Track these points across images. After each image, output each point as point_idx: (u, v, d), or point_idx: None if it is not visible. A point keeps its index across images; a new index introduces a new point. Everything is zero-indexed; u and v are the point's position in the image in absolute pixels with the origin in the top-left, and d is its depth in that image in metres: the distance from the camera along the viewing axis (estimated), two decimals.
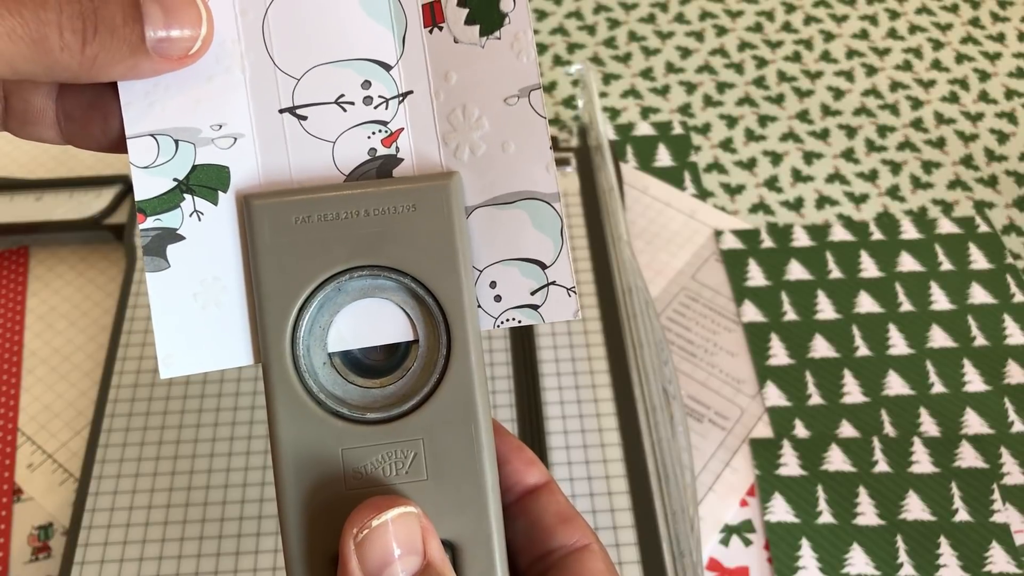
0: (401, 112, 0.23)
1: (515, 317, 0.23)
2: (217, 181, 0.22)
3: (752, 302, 0.51)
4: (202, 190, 0.22)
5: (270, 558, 0.39)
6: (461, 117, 0.23)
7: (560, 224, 0.23)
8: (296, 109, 0.22)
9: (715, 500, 0.44)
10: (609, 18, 0.70)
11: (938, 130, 0.62)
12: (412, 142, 0.23)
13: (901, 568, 0.41)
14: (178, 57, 0.20)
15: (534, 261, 0.23)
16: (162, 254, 0.22)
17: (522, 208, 0.23)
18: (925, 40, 0.68)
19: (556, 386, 0.45)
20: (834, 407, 0.47)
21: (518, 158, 0.23)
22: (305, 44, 0.22)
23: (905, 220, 0.56)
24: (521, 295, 0.23)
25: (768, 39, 0.68)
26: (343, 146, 0.23)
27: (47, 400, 0.47)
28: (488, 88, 0.22)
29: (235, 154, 0.22)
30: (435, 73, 0.23)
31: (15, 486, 0.44)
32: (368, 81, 0.23)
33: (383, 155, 0.23)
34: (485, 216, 0.23)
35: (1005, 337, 0.50)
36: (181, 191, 0.22)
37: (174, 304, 0.22)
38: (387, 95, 0.23)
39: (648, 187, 0.58)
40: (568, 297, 0.23)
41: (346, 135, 0.23)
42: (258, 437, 0.43)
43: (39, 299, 0.51)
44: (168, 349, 0.22)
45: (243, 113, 0.22)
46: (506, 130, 0.23)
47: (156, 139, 0.22)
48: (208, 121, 0.22)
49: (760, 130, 0.62)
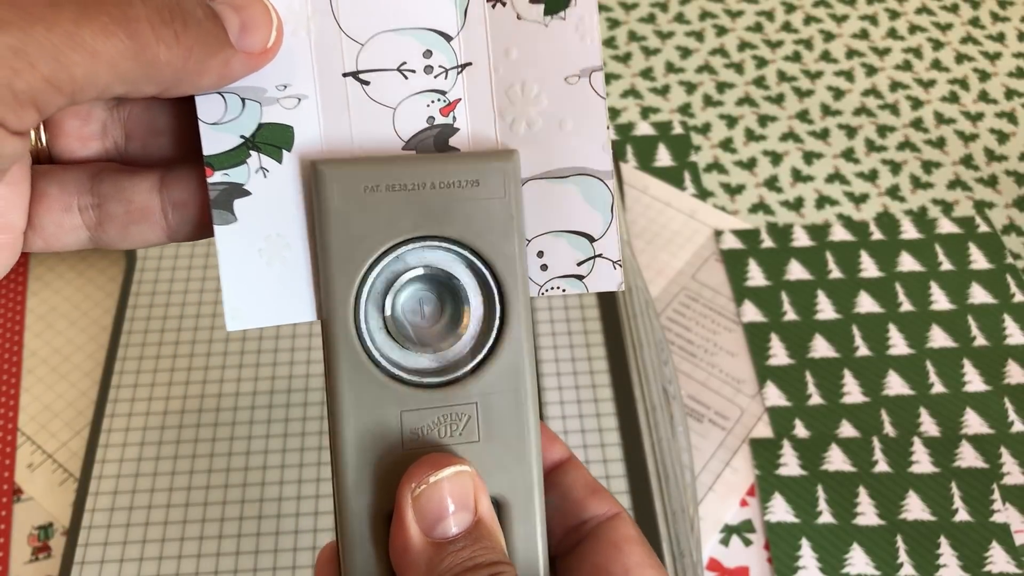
0: (460, 83, 0.23)
1: (560, 286, 0.24)
2: (282, 140, 0.22)
3: (752, 302, 0.51)
4: (268, 148, 0.22)
5: (270, 558, 0.39)
6: (519, 92, 0.23)
7: (611, 200, 0.23)
8: (360, 74, 0.23)
9: (715, 500, 0.44)
10: (609, 18, 0.70)
11: (938, 130, 0.62)
12: (469, 113, 0.23)
13: (901, 568, 0.41)
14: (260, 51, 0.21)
15: (583, 234, 0.24)
16: (230, 208, 0.22)
17: (574, 183, 0.23)
18: (925, 40, 0.68)
19: (556, 386, 0.45)
20: (834, 407, 0.47)
21: (575, 136, 0.23)
22: (370, 10, 0.23)
23: (905, 220, 0.56)
24: (568, 265, 0.24)
25: (768, 39, 0.68)
26: (403, 113, 0.23)
27: (47, 400, 0.47)
28: (549, 66, 0.23)
29: (299, 115, 0.23)
30: (495, 47, 0.23)
31: (15, 486, 0.44)
32: (429, 50, 0.23)
33: (441, 124, 0.23)
34: (537, 189, 0.24)
35: (1005, 337, 0.50)
36: (248, 148, 0.22)
37: (241, 258, 0.22)
38: (447, 65, 0.23)
39: (648, 187, 0.58)
40: (614, 270, 0.24)
41: (406, 102, 0.23)
42: (258, 437, 0.43)
43: (39, 299, 0.51)
44: (235, 303, 0.22)
45: (308, 75, 0.22)
46: (565, 108, 0.23)
47: (223, 96, 0.22)
48: (274, 81, 0.22)
49: (760, 130, 0.62)
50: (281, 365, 0.46)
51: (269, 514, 0.41)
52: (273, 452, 0.43)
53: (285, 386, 0.45)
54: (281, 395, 0.45)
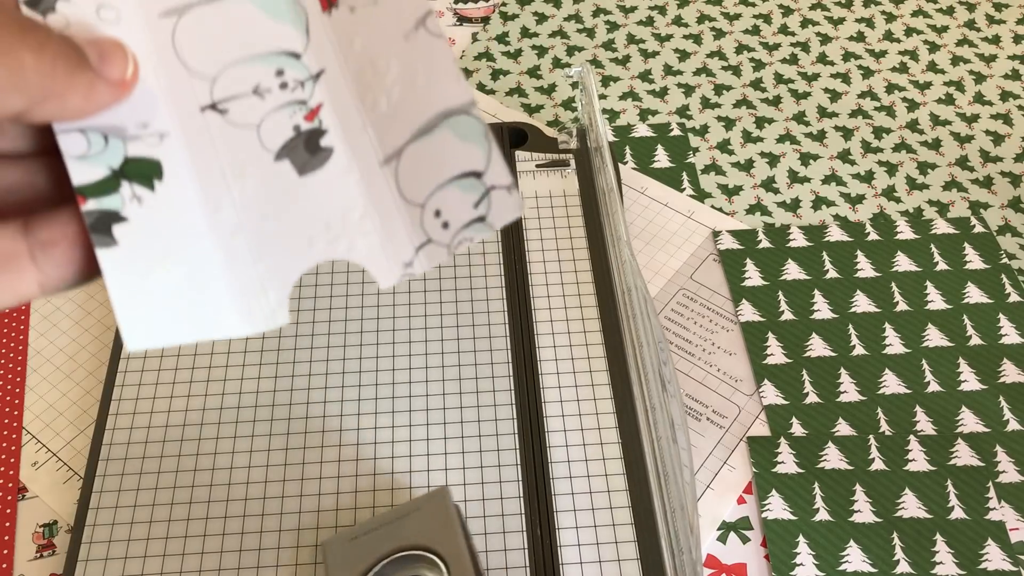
0: (318, 89, 0.24)
1: (467, 236, 0.23)
2: (151, 171, 0.23)
3: (749, 301, 0.52)
4: (138, 177, 0.23)
5: (272, 555, 0.40)
6: (371, 72, 0.24)
7: (482, 128, 0.23)
8: (216, 105, 0.24)
9: (713, 498, 0.44)
10: (608, 21, 0.71)
11: (934, 132, 0.62)
12: (333, 112, 0.24)
13: (897, 565, 0.42)
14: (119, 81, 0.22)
15: (470, 174, 0.23)
16: (108, 232, 0.22)
17: (444, 128, 0.23)
18: (921, 43, 0.69)
19: (556, 385, 0.45)
20: (831, 405, 0.47)
21: (428, 84, 0.23)
22: (215, 50, 0.24)
23: (901, 221, 0.56)
24: (466, 212, 0.23)
25: (765, 42, 0.69)
26: (267, 128, 0.24)
27: (52, 399, 0.48)
28: (388, 35, 0.23)
29: (164, 149, 0.23)
30: (341, 46, 0.24)
31: (20, 484, 0.44)
32: (281, 70, 0.24)
33: (308, 129, 0.24)
34: (414, 152, 0.23)
35: (1000, 336, 0.50)
36: (118, 177, 0.23)
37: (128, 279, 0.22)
38: (301, 78, 0.24)
39: (647, 188, 0.58)
40: (509, 196, 0.23)
41: (268, 118, 0.24)
42: (260, 436, 0.43)
43: (44, 299, 0.52)
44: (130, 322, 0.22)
45: (164, 115, 0.23)
46: (413, 64, 0.23)
47: (85, 134, 0.22)
48: (133, 120, 0.23)
49: (757, 132, 0.62)
50: (284, 364, 0.46)
51: (272, 511, 0.41)
52: (276, 451, 0.43)
53: (288, 385, 0.45)
54: (284, 394, 0.45)
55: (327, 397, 0.45)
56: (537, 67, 0.67)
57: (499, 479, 0.42)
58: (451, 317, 0.48)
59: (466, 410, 0.44)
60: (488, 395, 0.45)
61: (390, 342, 0.47)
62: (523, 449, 0.43)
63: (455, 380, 0.45)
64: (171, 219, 0.23)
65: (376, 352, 0.46)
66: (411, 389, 0.45)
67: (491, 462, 0.42)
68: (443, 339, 0.47)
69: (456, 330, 0.47)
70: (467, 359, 0.46)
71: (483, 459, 0.42)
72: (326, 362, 0.46)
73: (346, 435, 0.43)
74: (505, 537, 0.40)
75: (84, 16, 0.23)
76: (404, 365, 0.46)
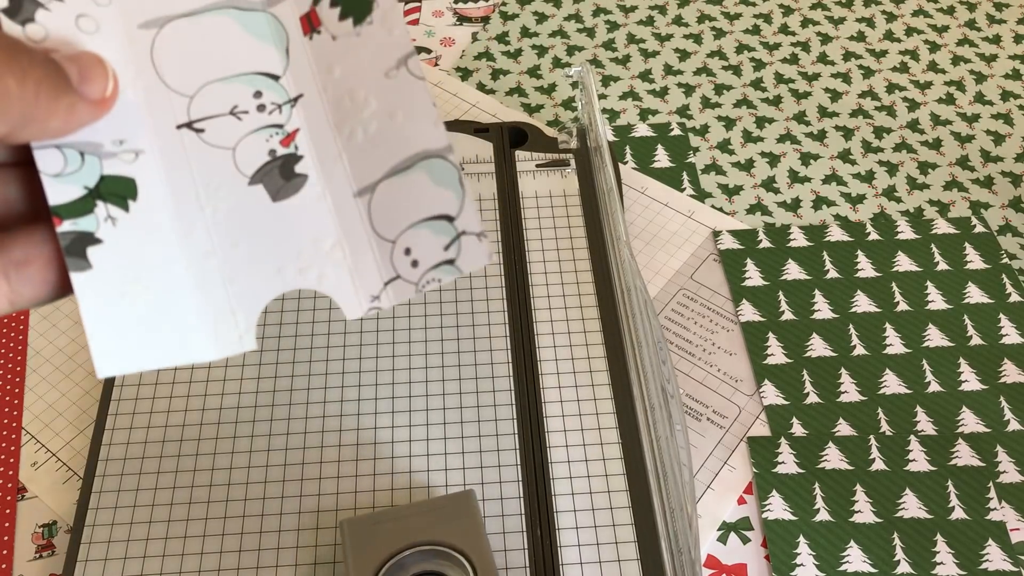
0: (295, 114, 0.24)
1: (435, 277, 0.23)
2: (126, 190, 0.23)
3: (750, 301, 0.52)
4: (113, 198, 0.23)
5: (272, 555, 0.40)
6: (349, 103, 0.24)
7: (457, 174, 0.23)
8: (193, 123, 0.24)
9: (713, 498, 0.44)
10: (608, 21, 0.71)
11: (934, 131, 0.62)
12: (309, 138, 0.24)
13: (898, 565, 0.42)
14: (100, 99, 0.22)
15: (441, 217, 0.23)
16: (83, 255, 0.22)
17: (420, 169, 0.23)
18: (921, 42, 0.69)
19: (556, 385, 0.45)
20: (831, 406, 0.47)
21: (407, 124, 0.23)
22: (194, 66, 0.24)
23: (901, 220, 0.56)
24: (435, 253, 0.23)
25: (766, 41, 0.69)
26: (243, 151, 0.24)
27: (51, 399, 0.47)
28: (369, 69, 0.23)
29: (139, 167, 0.23)
30: (321, 72, 0.24)
31: (19, 484, 0.44)
32: (259, 91, 0.24)
33: (283, 155, 0.24)
34: (388, 188, 0.24)
35: (1001, 336, 0.50)
36: (93, 198, 0.22)
37: (103, 303, 0.22)
38: (279, 101, 0.24)
39: (647, 188, 0.58)
40: (479, 243, 0.23)
41: (245, 141, 0.24)
42: (260, 436, 0.43)
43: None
44: (103, 347, 0.22)
45: (142, 130, 0.23)
46: (392, 102, 0.23)
47: (62, 151, 0.22)
48: (109, 136, 0.23)
49: (758, 131, 0.62)
50: (283, 364, 0.46)
51: (272, 512, 0.41)
52: (275, 451, 0.43)
53: (287, 385, 0.45)
54: (283, 394, 0.45)
55: (327, 397, 0.45)
56: (537, 67, 0.67)
57: (499, 479, 0.42)
58: (451, 317, 0.48)
59: (466, 410, 0.44)
60: (488, 395, 0.45)
61: (390, 342, 0.47)
62: (523, 449, 0.43)
63: (455, 380, 0.45)
64: (144, 241, 0.23)
65: (376, 352, 0.46)
66: (411, 389, 0.45)
67: (491, 462, 0.42)
68: (443, 339, 0.47)
69: (456, 330, 0.47)
70: (467, 359, 0.46)
71: (483, 459, 0.42)
72: (326, 362, 0.46)
73: (346, 435, 0.43)
74: (505, 537, 0.40)
75: (63, 26, 0.23)
76: (404, 365, 0.46)
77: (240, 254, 0.24)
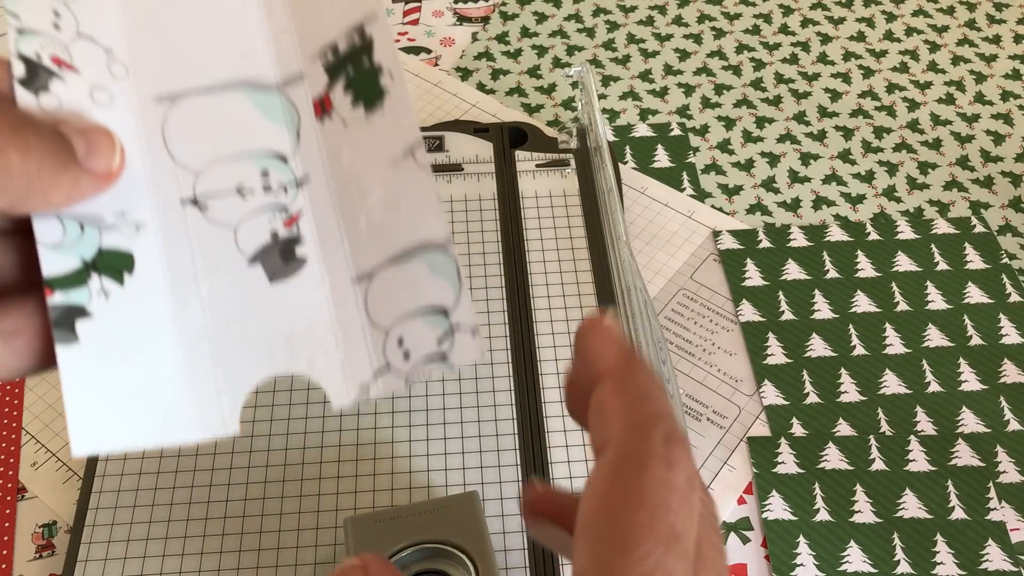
0: (300, 196, 0.24)
1: (427, 370, 0.23)
2: (123, 264, 0.23)
3: (750, 302, 0.52)
4: (108, 270, 0.22)
5: (272, 555, 0.40)
6: (355, 189, 0.24)
7: (455, 267, 0.23)
8: (197, 200, 0.24)
9: (713, 498, 0.44)
10: (608, 21, 0.71)
11: (934, 131, 0.62)
12: (313, 222, 0.24)
13: (898, 566, 0.42)
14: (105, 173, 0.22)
15: (437, 309, 0.23)
16: (71, 328, 0.22)
17: (419, 259, 0.23)
18: (921, 42, 0.69)
19: (556, 386, 0.45)
20: (831, 406, 0.47)
21: (410, 213, 0.23)
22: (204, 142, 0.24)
23: (901, 220, 0.56)
24: (428, 345, 0.23)
25: (766, 41, 0.69)
26: (245, 231, 0.24)
27: (51, 399, 0.47)
28: (376, 157, 0.23)
29: (139, 241, 0.23)
30: (330, 156, 0.24)
31: (19, 484, 0.44)
32: (266, 170, 0.24)
33: (285, 237, 0.24)
34: (386, 276, 0.23)
35: (1001, 336, 0.50)
36: (88, 270, 0.22)
37: (85, 379, 0.22)
38: (285, 182, 0.24)
39: (647, 188, 0.58)
40: (473, 339, 0.23)
41: (247, 220, 0.24)
42: (260, 436, 0.43)
43: None
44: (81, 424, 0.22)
45: (144, 203, 0.23)
46: (397, 190, 0.23)
47: (62, 221, 0.22)
48: (111, 208, 0.23)
49: (757, 131, 0.62)
50: None
51: (271, 512, 0.41)
52: (276, 451, 0.43)
53: (287, 384, 0.45)
54: (283, 394, 0.45)
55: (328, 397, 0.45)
56: (537, 67, 0.67)
57: (499, 479, 0.42)
58: None
59: (466, 410, 0.44)
60: (488, 395, 0.45)
61: None
62: (523, 449, 0.43)
63: (455, 380, 0.45)
64: (135, 316, 0.22)
65: None
66: (411, 390, 0.45)
67: (491, 462, 0.42)
68: None
69: None
70: None
71: (483, 459, 0.42)
72: None
73: (346, 435, 0.43)
74: (505, 537, 0.40)
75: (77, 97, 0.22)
76: None
77: (232, 335, 0.23)
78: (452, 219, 0.52)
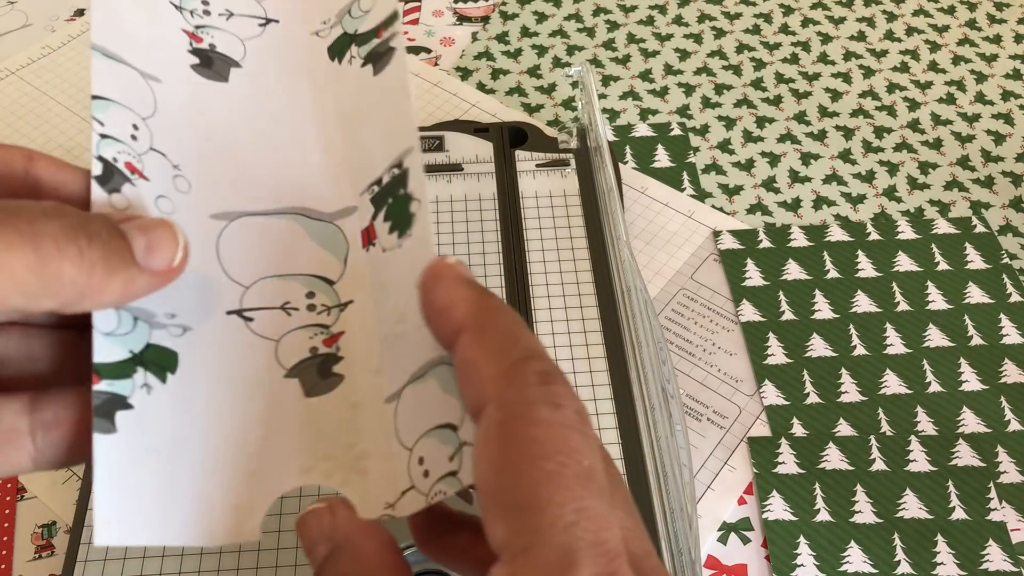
0: (342, 318, 0.25)
1: (442, 489, 0.23)
2: (167, 362, 0.23)
3: (750, 302, 0.52)
4: (153, 367, 0.23)
5: (272, 555, 0.40)
6: (391, 312, 0.24)
7: None
8: (243, 312, 0.24)
9: (713, 498, 0.44)
10: (608, 20, 0.71)
11: (935, 131, 0.62)
12: (352, 341, 0.25)
13: (898, 566, 0.41)
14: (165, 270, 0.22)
15: (447, 426, 0.23)
16: (111, 418, 0.22)
17: (432, 376, 0.23)
18: (922, 42, 0.69)
19: None
20: (832, 406, 0.47)
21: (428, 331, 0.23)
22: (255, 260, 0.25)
23: (902, 220, 0.56)
24: (442, 464, 0.23)
25: (766, 41, 0.69)
26: (286, 345, 0.25)
27: None
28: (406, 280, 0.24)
29: (184, 343, 0.24)
30: (372, 283, 0.25)
31: (19, 484, 0.44)
32: (312, 292, 0.25)
33: (324, 353, 0.25)
34: (409, 395, 0.24)
35: (1001, 336, 0.50)
36: (135, 363, 0.23)
37: (117, 470, 0.22)
38: (329, 304, 0.25)
39: (647, 188, 0.58)
40: None
41: (289, 335, 0.25)
42: None
43: None
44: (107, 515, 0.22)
45: (193, 309, 0.24)
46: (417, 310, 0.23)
47: (118, 312, 0.23)
48: (163, 309, 0.23)
49: (758, 131, 0.62)
50: None
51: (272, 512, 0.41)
52: None
53: None
54: None
55: None
56: (537, 67, 0.67)
57: None
58: None
59: None
60: None
61: None
62: None
63: None
64: (173, 416, 0.23)
65: None
66: None
67: None
68: None
69: None
70: None
71: None
72: None
73: None
74: None
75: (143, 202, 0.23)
76: None
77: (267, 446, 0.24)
78: (452, 219, 0.52)
